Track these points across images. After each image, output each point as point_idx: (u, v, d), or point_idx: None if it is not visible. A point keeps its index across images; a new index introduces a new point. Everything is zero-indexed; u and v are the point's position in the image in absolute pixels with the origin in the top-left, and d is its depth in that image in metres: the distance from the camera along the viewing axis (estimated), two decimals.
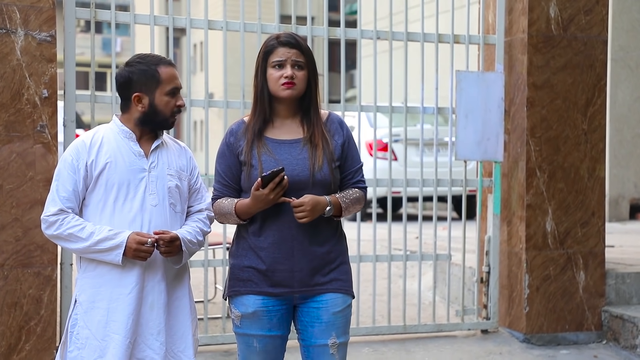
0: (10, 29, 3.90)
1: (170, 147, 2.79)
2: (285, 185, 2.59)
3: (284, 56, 2.65)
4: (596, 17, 4.87)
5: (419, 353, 4.56)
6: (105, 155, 2.66)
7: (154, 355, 2.65)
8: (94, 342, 2.63)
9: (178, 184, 2.74)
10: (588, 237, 4.88)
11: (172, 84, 2.70)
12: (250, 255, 2.68)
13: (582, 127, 4.88)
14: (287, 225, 2.65)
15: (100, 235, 2.60)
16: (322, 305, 2.69)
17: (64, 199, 2.64)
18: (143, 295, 2.65)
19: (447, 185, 4.94)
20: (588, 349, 4.71)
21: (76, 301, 2.69)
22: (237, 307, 2.70)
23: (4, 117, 3.91)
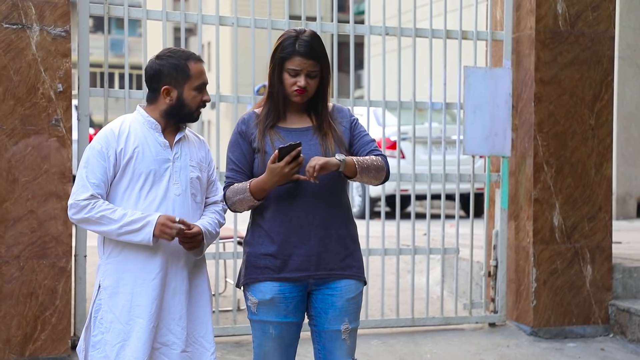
0: (26, 24, 3.97)
1: (191, 139, 2.86)
2: (301, 161, 2.62)
3: (300, 66, 2.69)
4: (603, 13, 4.91)
5: (427, 345, 4.61)
6: (134, 145, 2.72)
7: (175, 339, 2.71)
8: (118, 326, 2.69)
9: (199, 175, 2.81)
10: (595, 231, 4.92)
11: (200, 79, 2.76)
12: (266, 242, 2.73)
13: (590, 123, 4.92)
14: (302, 210, 2.70)
15: (132, 217, 2.66)
16: (336, 292, 2.74)
17: (94, 185, 2.70)
18: (166, 282, 2.72)
19: (455, 182, 4.99)
20: (595, 342, 4.75)
21: (100, 286, 2.75)
22: (254, 294, 2.75)
23: (20, 111, 3.98)
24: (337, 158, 2.64)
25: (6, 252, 3.96)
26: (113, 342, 2.68)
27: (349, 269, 2.76)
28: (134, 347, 2.66)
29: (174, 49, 2.86)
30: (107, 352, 2.68)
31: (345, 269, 2.75)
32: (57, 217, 4.04)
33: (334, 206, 2.74)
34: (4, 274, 3.96)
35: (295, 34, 2.73)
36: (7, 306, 3.96)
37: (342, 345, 2.76)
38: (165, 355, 2.71)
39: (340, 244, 2.75)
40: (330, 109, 2.82)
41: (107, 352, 2.68)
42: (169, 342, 2.71)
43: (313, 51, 2.71)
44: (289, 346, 2.80)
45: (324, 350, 2.79)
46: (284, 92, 2.73)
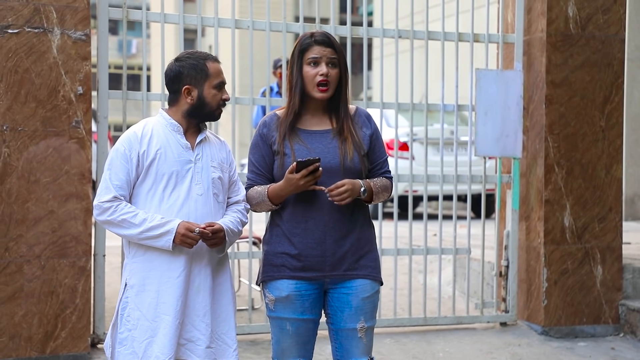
0: (48, 28, 4.05)
1: (212, 141, 2.93)
2: (318, 175, 2.71)
3: (320, 54, 2.77)
4: (614, 16, 4.97)
5: (439, 344, 4.67)
6: (156, 147, 2.79)
7: (200, 335, 2.78)
8: (145, 323, 2.75)
9: (220, 175, 2.88)
10: (605, 232, 4.98)
11: (219, 78, 2.83)
12: (283, 241, 2.80)
13: (600, 124, 4.98)
14: (319, 212, 2.77)
15: (152, 222, 2.73)
16: (352, 291, 2.81)
17: (117, 187, 2.77)
18: (190, 279, 2.78)
19: (466, 183, 5.06)
20: (605, 342, 4.81)
21: (126, 284, 2.81)
22: (271, 291, 2.82)
23: (41, 113, 4.06)
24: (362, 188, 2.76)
25: (28, 251, 4.04)
26: (141, 339, 2.75)
27: (364, 269, 2.82)
28: (160, 343, 2.73)
29: (191, 51, 2.94)
30: (134, 348, 2.75)
31: (359, 269, 2.82)
32: (77, 217, 4.12)
33: (351, 209, 2.81)
34: (26, 272, 4.04)
35: (311, 33, 2.83)
36: (29, 304, 4.04)
37: (358, 344, 2.83)
38: (191, 351, 2.77)
39: (355, 245, 2.81)
40: (353, 112, 2.88)
41: (134, 349, 2.75)
42: (194, 338, 2.78)
43: (330, 41, 2.80)
44: (306, 343, 2.86)
45: (341, 349, 2.85)
46: (305, 88, 2.79)
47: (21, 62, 4.01)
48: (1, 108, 3.99)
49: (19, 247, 4.02)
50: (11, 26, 3.99)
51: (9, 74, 4.00)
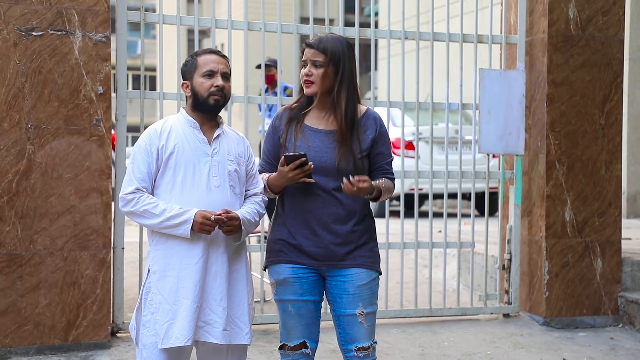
0: (69, 31, 4.24)
1: (230, 136, 3.11)
2: (307, 169, 2.89)
3: (306, 57, 2.99)
4: (613, 17, 5.14)
5: (444, 334, 4.85)
6: (174, 141, 2.98)
7: (217, 319, 2.95)
8: (166, 307, 2.93)
9: (237, 168, 3.05)
10: (605, 226, 5.15)
11: (207, 66, 2.99)
12: (282, 230, 3.01)
13: (600, 122, 5.15)
14: (315, 205, 2.96)
15: (171, 212, 2.91)
16: (347, 279, 2.98)
17: (139, 180, 2.95)
18: (208, 266, 2.95)
19: (470, 180, 5.23)
20: (605, 332, 4.98)
21: (149, 270, 2.99)
22: (271, 275, 3.04)
23: (64, 111, 4.25)
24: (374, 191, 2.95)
25: (51, 244, 4.23)
26: (162, 321, 2.92)
27: (358, 259, 2.99)
28: (180, 326, 2.90)
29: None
30: (156, 329, 2.93)
31: (354, 259, 2.98)
32: (98, 212, 4.30)
33: (348, 202, 2.97)
34: (49, 264, 4.23)
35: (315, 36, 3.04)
36: (52, 294, 4.23)
37: (359, 329, 3.00)
38: (209, 333, 2.95)
39: (347, 237, 2.97)
40: (362, 114, 3.04)
41: (156, 330, 2.93)
42: (212, 321, 2.95)
43: (320, 43, 2.96)
44: (310, 324, 3.03)
45: (344, 334, 3.03)
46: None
47: (45, 63, 4.20)
48: (26, 107, 4.18)
49: (42, 239, 4.21)
50: (35, 29, 4.18)
51: (33, 75, 4.19)
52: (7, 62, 4.14)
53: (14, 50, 4.15)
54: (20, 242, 4.18)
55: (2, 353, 4.16)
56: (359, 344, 3.00)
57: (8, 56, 4.14)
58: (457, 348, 4.62)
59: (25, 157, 4.18)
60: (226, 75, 3.02)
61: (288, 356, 3.05)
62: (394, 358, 4.44)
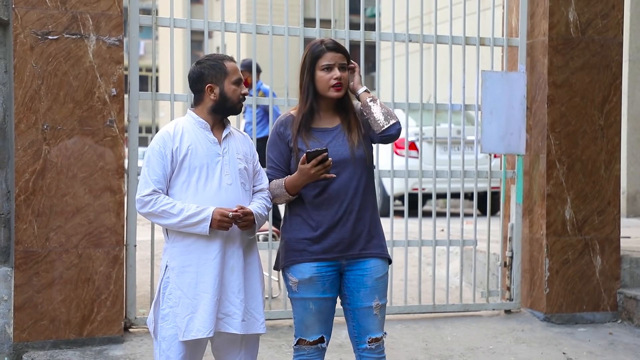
0: (84, 35, 4.37)
1: (236, 135, 3.24)
2: (328, 165, 3.01)
3: (332, 60, 3.10)
4: (612, 20, 5.27)
5: (447, 329, 4.97)
6: (187, 143, 3.10)
7: (235, 310, 3.08)
8: (186, 301, 3.05)
9: (245, 166, 3.18)
10: (604, 224, 5.28)
11: (236, 75, 3.15)
12: (304, 228, 3.11)
13: (599, 123, 5.28)
14: (338, 199, 3.08)
15: (189, 211, 3.03)
16: (366, 272, 3.12)
17: (155, 181, 3.08)
18: (225, 260, 3.08)
19: (474, 178, 5.36)
20: (604, 327, 5.10)
21: (167, 266, 3.11)
22: (294, 274, 3.12)
23: (78, 113, 4.38)
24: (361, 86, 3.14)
25: (66, 241, 4.36)
26: (183, 315, 3.05)
27: (376, 248, 3.15)
28: (201, 319, 3.03)
29: (209, 54, 3.26)
30: (177, 323, 3.05)
31: (372, 248, 3.14)
32: (111, 210, 4.43)
33: (365, 194, 3.13)
34: (65, 261, 4.36)
35: (320, 40, 3.16)
36: (67, 290, 4.36)
37: (374, 320, 3.14)
38: (229, 324, 3.08)
39: (369, 227, 3.13)
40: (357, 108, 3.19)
41: (177, 323, 3.05)
42: (231, 313, 3.08)
43: (340, 46, 3.13)
44: (327, 320, 3.16)
45: (358, 327, 3.16)
46: (318, 91, 3.11)
47: (60, 66, 4.33)
48: (42, 108, 4.31)
49: (58, 237, 4.34)
50: (51, 33, 4.31)
51: (49, 77, 4.32)
52: (24, 65, 4.28)
53: (30, 53, 4.28)
54: (37, 239, 4.31)
55: (19, 347, 4.29)
56: (372, 335, 3.14)
57: (25, 59, 4.28)
58: (460, 343, 4.75)
59: (42, 157, 4.31)
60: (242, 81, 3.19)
61: (304, 351, 3.16)
62: (398, 352, 4.57)
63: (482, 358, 4.53)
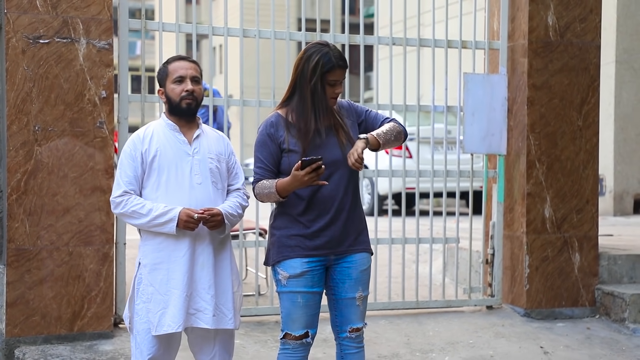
0: (75, 38, 4.50)
1: (210, 135, 3.36)
2: (321, 172, 3.11)
3: (340, 77, 3.22)
4: (590, 24, 5.41)
5: (430, 325, 5.11)
6: (156, 145, 3.24)
7: (206, 305, 3.21)
8: (158, 297, 3.19)
9: (217, 165, 3.30)
10: (583, 222, 5.42)
11: (176, 73, 3.27)
12: (295, 225, 3.22)
13: (578, 124, 5.42)
14: (331, 200, 3.21)
15: (157, 212, 3.16)
16: (352, 265, 3.27)
17: (127, 183, 3.22)
18: (195, 257, 3.21)
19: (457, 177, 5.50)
20: (582, 322, 5.25)
21: (140, 264, 3.26)
22: (285, 269, 3.23)
23: (69, 114, 4.51)
24: (360, 138, 3.16)
25: (57, 239, 4.48)
26: (155, 310, 3.18)
27: (361, 244, 3.30)
28: (172, 314, 3.16)
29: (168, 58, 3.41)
30: (149, 318, 3.19)
31: (359, 244, 3.29)
32: (101, 209, 4.56)
33: (354, 193, 3.28)
34: (56, 259, 4.48)
35: (327, 48, 3.20)
36: (58, 287, 4.48)
37: (356, 311, 3.28)
38: (200, 319, 3.21)
39: (355, 225, 3.28)
40: (337, 107, 3.32)
41: (149, 318, 3.19)
42: (202, 308, 3.21)
43: (346, 62, 3.25)
44: (313, 314, 3.29)
45: (340, 317, 3.30)
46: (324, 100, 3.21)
47: (51, 69, 4.46)
48: (34, 110, 4.44)
49: (49, 235, 4.47)
50: (42, 37, 4.43)
51: (40, 80, 4.44)
52: (16, 68, 4.40)
53: (22, 57, 4.41)
54: (28, 237, 4.43)
55: (11, 342, 4.41)
56: (353, 325, 3.28)
57: (17, 62, 4.40)
58: (441, 337, 4.89)
59: (33, 158, 4.44)
60: (196, 78, 3.27)
61: (289, 345, 3.26)
62: (380, 347, 4.70)
63: (461, 352, 4.67)
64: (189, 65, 3.30)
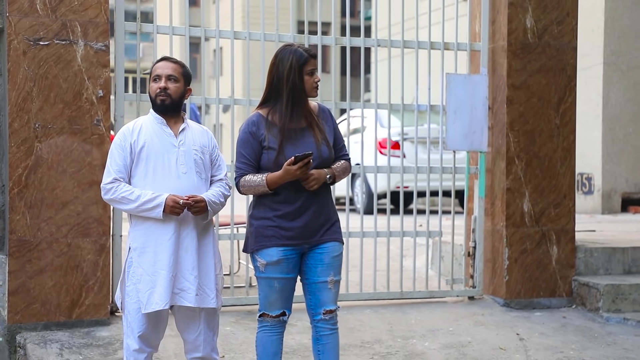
0: (73, 40, 4.74)
1: (195, 129, 3.61)
2: (310, 165, 3.40)
3: (314, 65, 3.51)
4: (567, 27, 5.65)
5: (412, 314, 5.34)
6: (144, 137, 3.49)
7: (190, 285, 3.46)
8: (147, 277, 3.44)
9: (201, 157, 3.55)
10: (560, 216, 5.65)
11: (155, 72, 3.53)
12: (273, 217, 3.49)
13: (555, 122, 5.66)
14: (305, 194, 3.48)
15: (145, 198, 3.41)
16: (324, 251, 3.53)
17: (116, 171, 3.47)
18: (180, 241, 3.45)
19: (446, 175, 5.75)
20: (559, 312, 5.48)
21: (130, 248, 3.51)
22: (263, 257, 3.50)
23: (68, 113, 4.75)
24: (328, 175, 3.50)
25: (56, 231, 4.72)
26: (144, 290, 3.43)
27: (333, 234, 3.57)
28: (158, 293, 3.41)
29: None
30: (139, 297, 3.44)
31: (330, 234, 3.55)
32: (98, 202, 4.79)
33: (323, 191, 3.55)
34: (55, 249, 4.72)
35: (294, 46, 3.51)
36: (58, 276, 4.72)
37: (329, 294, 3.54)
38: (184, 298, 3.45)
39: (327, 217, 3.55)
40: (317, 109, 3.59)
41: (139, 298, 3.44)
42: (186, 288, 3.45)
43: (316, 53, 3.54)
44: (288, 297, 3.56)
45: (314, 300, 3.56)
46: (304, 92, 3.47)
47: (51, 69, 4.70)
48: (34, 109, 4.68)
49: (49, 227, 4.70)
50: (42, 39, 4.67)
51: (40, 80, 4.68)
52: (17, 69, 4.64)
53: (23, 58, 4.65)
54: (29, 229, 4.67)
55: (13, 328, 4.65)
56: (326, 307, 3.53)
57: (18, 63, 4.64)
58: (422, 325, 5.12)
59: (34, 154, 4.67)
60: (171, 77, 3.51)
61: (267, 322, 3.56)
62: (364, 333, 4.94)
63: (441, 338, 4.90)
64: (167, 65, 3.56)
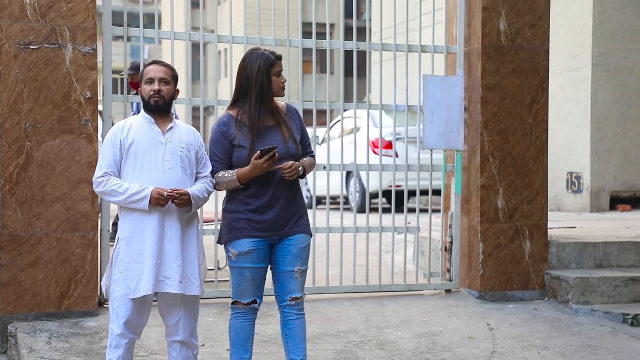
0: (62, 44, 4.98)
1: (182, 128, 3.84)
2: (276, 159, 3.64)
3: (280, 67, 3.77)
4: (539, 30, 5.87)
5: (390, 306, 5.56)
6: (133, 134, 3.73)
7: (174, 273, 3.68)
8: (134, 265, 3.67)
9: (187, 154, 3.78)
10: (533, 212, 5.86)
11: (147, 75, 3.76)
12: (244, 210, 3.73)
13: (528, 122, 5.87)
14: (273, 188, 3.72)
15: (132, 190, 3.65)
16: (292, 243, 3.76)
17: (107, 165, 3.71)
18: (164, 231, 3.68)
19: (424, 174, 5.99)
20: (531, 304, 5.69)
21: (118, 239, 3.73)
22: (234, 247, 3.75)
23: (57, 113, 4.98)
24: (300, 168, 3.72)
25: (46, 226, 4.96)
26: (132, 277, 3.66)
27: (301, 226, 3.80)
28: (144, 280, 3.64)
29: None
30: (127, 284, 3.66)
31: (298, 226, 3.79)
32: (86, 199, 5.03)
33: (292, 186, 3.78)
34: (45, 244, 4.95)
35: (260, 50, 3.76)
36: (47, 269, 4.96)
37: (295, 282, 3.78)
38: (168, 285, 3.68)
39: (295, 210, 3.78)
40: (285, 109, 3.82)
41: (127, 284, 3.66)
42: (170, 276, 3.68)
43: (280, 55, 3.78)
44: (259, 286, 3.80)
45: (282, 287, 3.80)
46: (272, 92, 3.71)
47: (40, 72, 4.93)
48: (24, 109, 4.91)
49: (39, 222, 4.94)
50: (33, 43, 4.91)
51: (30, 82, 4.92)
52: (9, 72, 4.88)
53: (14, 61, 4.89)
54: (20, 224, 4.91)
55: (5, 318, 4.89)
56: (293, 295, 3.77)
57: (9, 66, 4.88)
58: (398, 316, 5.34)
59: (24, 152, 4.91)
60: (163, 80, 3.75)
61: (239, 309, 3.80)
62: (341, 324, 5.16)
63: (414, 328, 5.12)
64: (159, 68, 3.79)
